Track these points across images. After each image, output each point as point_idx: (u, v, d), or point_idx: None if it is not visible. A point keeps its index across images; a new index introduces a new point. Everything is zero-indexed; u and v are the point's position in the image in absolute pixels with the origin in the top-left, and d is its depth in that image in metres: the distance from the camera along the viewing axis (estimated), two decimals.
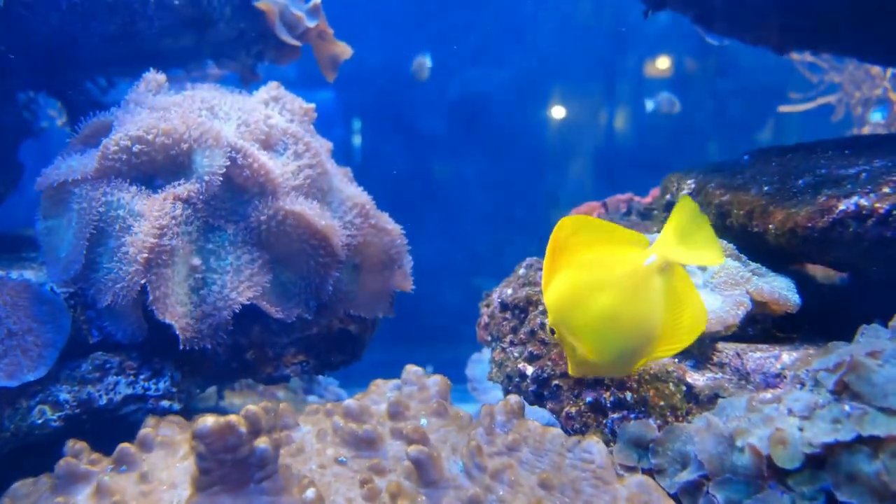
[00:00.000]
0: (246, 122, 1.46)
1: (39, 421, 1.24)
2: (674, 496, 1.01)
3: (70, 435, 1.19)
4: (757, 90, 4.46)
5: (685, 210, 0.93)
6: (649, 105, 4.11)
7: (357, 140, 4.82)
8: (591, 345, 0.94)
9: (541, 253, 1.79)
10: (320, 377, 2.82)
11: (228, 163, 1.34)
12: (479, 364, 2.48)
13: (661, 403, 1.12)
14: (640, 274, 0.92)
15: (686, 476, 1.00)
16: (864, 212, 1.10)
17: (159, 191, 1.33)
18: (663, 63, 4.71)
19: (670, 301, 0.92)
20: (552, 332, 0.97)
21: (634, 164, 4.59)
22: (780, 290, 1.19)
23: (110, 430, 1.28)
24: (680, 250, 0.92)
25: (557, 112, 4.88)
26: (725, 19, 1.85)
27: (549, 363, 1.27)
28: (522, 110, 4.90)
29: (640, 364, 0.97)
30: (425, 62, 4.02)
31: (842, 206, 1.13)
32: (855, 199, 1.12)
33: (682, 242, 0.92)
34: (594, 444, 1.08)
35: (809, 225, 1.16)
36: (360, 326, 1.64)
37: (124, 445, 1.13)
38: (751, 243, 1.29)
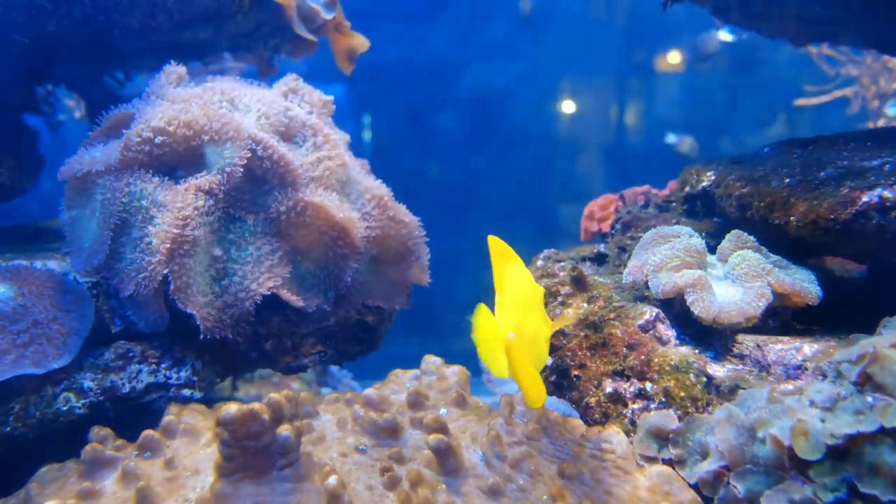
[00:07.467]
0: (266, 114, 1.46)
1: (64, 408, 1.26)
2: (694, 486, 1.01)
3: (94, 422, 1.21)
4: (770, 86, 4.42)
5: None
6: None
7: (368, 135, 4.82)
8: None
9: (554, 246, 1.80)
10: (334, 369, 2.84)
11: (249, 154, 1.35)
12: None
13: (682, 394, 1.12)
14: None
15: (706, 466, 1.00)
16: (887, 203, 1.10)
17: (181, 182, 1.34)
18: (675, 58, 4.68)
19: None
20: None
21: (647, 159, 4.56)
22: (802, 281, 1.18)
23: (133, 417, 1.30)
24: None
25: (570, 106, 4.86)
26: (744, 10, 1.84)
27: (569, 353, 1.27)
28: (535, 104, 4.88)
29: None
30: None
31: (865, 198, 1.12)
32: (878, 190, 1.12)
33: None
34: (614, 434, 1.08)
35: (832, 217, 1.15)
36: (377, 317, 1.65)
37: (149, 432, 1.14)
38: (771, 235, 1.29)
